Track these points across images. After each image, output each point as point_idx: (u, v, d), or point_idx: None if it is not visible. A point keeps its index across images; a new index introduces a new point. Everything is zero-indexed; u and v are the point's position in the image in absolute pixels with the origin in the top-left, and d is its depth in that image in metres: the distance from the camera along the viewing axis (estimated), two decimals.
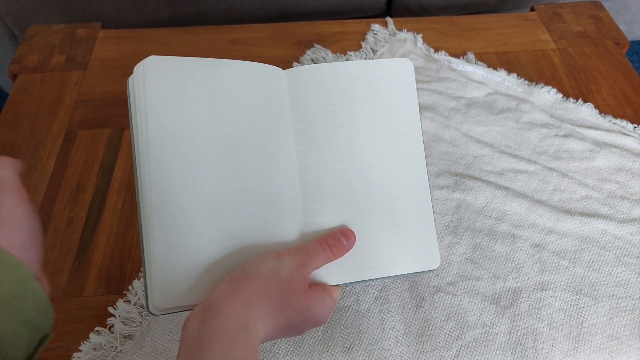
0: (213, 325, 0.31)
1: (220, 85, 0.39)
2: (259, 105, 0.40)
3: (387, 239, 0.41)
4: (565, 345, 0.48)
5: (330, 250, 0.39)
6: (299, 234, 0.40)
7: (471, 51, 0.77)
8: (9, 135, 0.64)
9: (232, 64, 0.40)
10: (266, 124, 0.40)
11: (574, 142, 0.64)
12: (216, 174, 0.37)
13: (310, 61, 0.74)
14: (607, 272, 0.53)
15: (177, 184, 0.36)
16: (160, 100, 0.36)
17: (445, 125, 0.65)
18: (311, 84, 0.42)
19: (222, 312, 0.32)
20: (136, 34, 0.78)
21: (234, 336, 0.31)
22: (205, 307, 0.33)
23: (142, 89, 0.36)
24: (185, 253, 0.36)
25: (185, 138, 0.37)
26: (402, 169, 0.42)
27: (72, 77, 0.71)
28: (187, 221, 0.36)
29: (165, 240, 0.35)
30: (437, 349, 0.47)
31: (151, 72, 0.37)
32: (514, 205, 0.57)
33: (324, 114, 0.42)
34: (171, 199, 0.36)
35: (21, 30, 1.15)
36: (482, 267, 0.53)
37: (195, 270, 0.36)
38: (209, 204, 0.37)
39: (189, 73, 0.38)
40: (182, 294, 0.35)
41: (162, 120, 0.36)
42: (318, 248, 0.38)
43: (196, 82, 0.38)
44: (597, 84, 0.73)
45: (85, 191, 0.59)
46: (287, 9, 1.16)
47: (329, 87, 0.42)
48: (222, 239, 0.37)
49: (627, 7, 1.44)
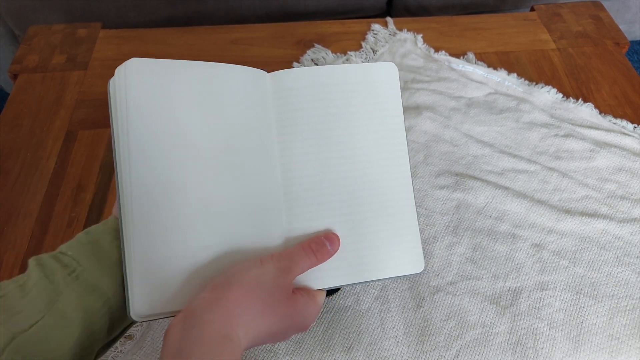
0: (194, 334, 0.31)
1: (204, 88, 0.38)
2: (243, 108, 0.40)
3: (371, 243, 0.41)
4: (565, 345, 0.48)
5: (314, 255, 0.38)
6: (284, 239, 0.40)
7: (471, 51, 0.77)
8: (10, 135, 0.64)
9: (217, 66, 0.40)
10: (250, 127, 0.40)
11: (574, 142, 0.64)
12: (200, 179, 0.37)
13: (311, 61, 0.74)
14: (607, 272, 0.53)
15: (159, 188, 0.35)
16: (142, 102, 0.36)
17: (445, 125, 0.65)
18: (295, 88, 0.42)
19: (203, 321, 0.31)
20: (136, 34, 0.78)
21: (215, 345, 0.30)
22: (186, 315, 0.32)
23: (124, 91, 0.35)
24: (167, 259, 0.35)
25: (167, 142, 0.36)
26: (386, 173, 0.42)
27: (72, 77, 0.71)
28: (170, 227, 0.35)
29: (147, 246, 0.35)
30: (437, 349, 0.47)
31: (133, 74, 0.36)
32: (514, 205, 0.57)
33: (307, 118, 0.41)
34: (153, 204, 0.35)
35: (21, 30, 1.15)
36: (482, 267, 0.53)
37: (177, 277, 0.35)
38: (192, 209, 0.36)
39: (172, 75, 0.37)
40: (165, 300, 0.35)
41: (143, 123, 0.35)
42: (302, 253, 0.38)
43: (179, 85, 0.37)
44: (597, 84, 0.73)
45: (85, 191, 0.59)
46: (287, 9, 1.16)
47: (313, 91, 0.42)
48: (206, 245, 0.36)
49: (627, 7, 1.44)
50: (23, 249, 0.54)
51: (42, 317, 0.32)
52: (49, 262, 0.35)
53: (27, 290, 0.33)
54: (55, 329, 0.33)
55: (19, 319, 0.32)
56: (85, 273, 0.35)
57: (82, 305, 0.34)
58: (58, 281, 0.34)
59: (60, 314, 0.33)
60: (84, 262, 0.35)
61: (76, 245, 0.36)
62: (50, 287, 0.34)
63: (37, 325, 0.32)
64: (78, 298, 0.34)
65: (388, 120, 0.43)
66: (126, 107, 0.35)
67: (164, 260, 0.35)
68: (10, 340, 0.31)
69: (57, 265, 0.35)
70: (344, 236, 0.40)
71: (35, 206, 0.57)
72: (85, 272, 0.35)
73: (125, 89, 0.36)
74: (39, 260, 0.35)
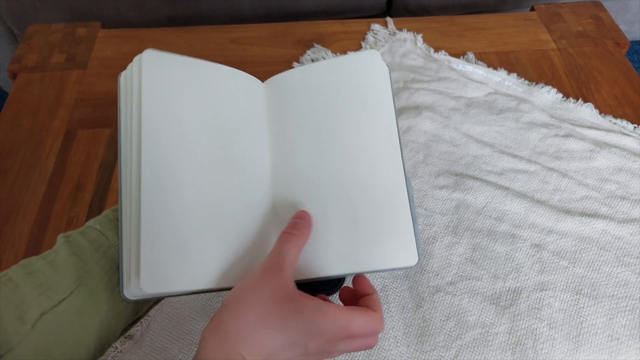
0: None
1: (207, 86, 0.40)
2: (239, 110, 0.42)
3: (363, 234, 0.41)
4: (565, 345, 0.48)
5: (292, 234, 0.38)
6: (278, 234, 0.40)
7: (471, 51, 0.77)
8: (9, 134, 0.64)
9: (220, 68, 0.41)
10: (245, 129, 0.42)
11: (574, 142, 0.64)
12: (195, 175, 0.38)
13: (310, 61, 0.74)
14: (607, 272, 0.52)
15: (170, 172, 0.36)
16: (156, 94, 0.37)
17: (445, 125, 0.65)
18: (285, 90, 0.43)
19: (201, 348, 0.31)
20: (136, 33, 0.78)
21: None
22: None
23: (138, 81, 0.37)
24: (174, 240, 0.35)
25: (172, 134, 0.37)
26: (378, 163, 0.42)
27: (71, 77, 0.71)
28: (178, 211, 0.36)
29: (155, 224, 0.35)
30: (436, 349, 0.47)
31: (149, 65, 0.37)
32: (514, 205, 0.57)
33: (296, 118, 0.43)
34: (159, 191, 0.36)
35: (21, 30, 1.15)
36: (482, 267, 0.53)
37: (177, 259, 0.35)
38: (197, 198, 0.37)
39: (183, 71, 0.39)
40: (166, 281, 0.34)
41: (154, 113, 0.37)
42: (280, 242, 0.37)
43: (190, 82, 0.39)
44: (597, 84, 0.73)
45: (85, 190, 0.59)
46: (287, 8, 1.16)
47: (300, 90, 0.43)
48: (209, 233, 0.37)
49: (627, 7, 1.44)
50: (22, 249, 0.54)
51: (71, 293, 0.33)
52: (77, 239, 0.36)
53: (57, 267, 0.34)
54: (83, 305, 0.33)
55: (49, 295, 0.32)
56: (112, 250, 0.36)
57: (110, 283, 0.35)
58: (86, 258, 0.35)
59: (89, 291, 0.34)
60: (111, 237, 0.36)
61: (104, 220, 0.38)
62: (78, 264, 0.34)
63: (66, 301, 0.33)
64: (106, 275, 0.35)
65: (379, 109, 0.43)
66: (139, 96, 0.36)
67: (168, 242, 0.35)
68: (39, 315, 0.31)
69: (85, 242, 0.36)
70: (336, 228, 0.41)
71: (34, 206, 0.57)
72: (112, 248, 0.36)
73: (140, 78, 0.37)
74: (67, 237, 0.36)
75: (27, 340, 0.30)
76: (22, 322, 0.31)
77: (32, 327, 0.31)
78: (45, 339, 0.31)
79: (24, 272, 0.33)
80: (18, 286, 0.32)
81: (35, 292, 0.32)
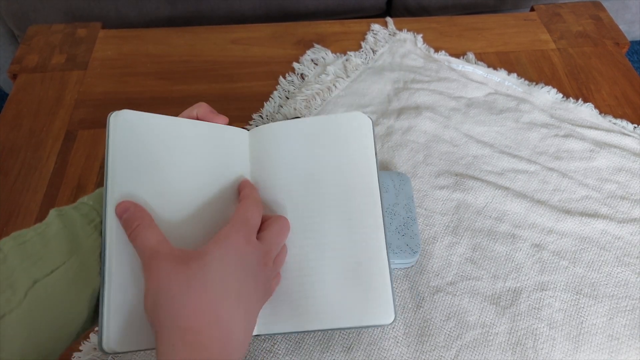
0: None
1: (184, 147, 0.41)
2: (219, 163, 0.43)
3: (335, 289, 0.41)
4: (565, 345, 0.48)
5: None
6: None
7: (471, 51, 0.77)
8: (9, 135, 0.64)
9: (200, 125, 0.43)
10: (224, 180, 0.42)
11: (574, 142, 0.64)
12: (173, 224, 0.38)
13: (310, 61, 0.74)
14: (607, 272, 0.53)
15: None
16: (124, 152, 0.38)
17: (445, 125, 0.65)
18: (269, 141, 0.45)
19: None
20: (136, 33, 0.78)
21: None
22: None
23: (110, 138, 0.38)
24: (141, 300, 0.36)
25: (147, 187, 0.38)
26: (357, 219, 0.43)
27: (72, 77, 0.71)
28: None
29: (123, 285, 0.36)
30: (437, 349, 0.47)
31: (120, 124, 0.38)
32: (514, 205, 0.57)
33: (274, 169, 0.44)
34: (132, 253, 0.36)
35: (21, 30, 1.15)
36: (482, 267, 0.53)
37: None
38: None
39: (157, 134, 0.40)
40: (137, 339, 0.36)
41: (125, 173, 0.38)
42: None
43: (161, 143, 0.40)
44: (597, 84, 0.73)
45: (85, 191, 0.59)
46: (287, 9, 1.16)
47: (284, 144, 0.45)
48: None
49: (627, 7, 1.44)
50: None
51: (63, 263, 0.33)
52: (70, 212, 0.36)
53: (48, 238, 0.34)
54: (76, 276, 0.34)
55: (40, 266, 0.33)
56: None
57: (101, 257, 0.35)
58: (78, 232, 0.35)
59: (81, 262, 0.34)
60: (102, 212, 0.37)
61: (96, 196, 0.38)
62: (70, 236, 0.35)
63: (58, 271, 0.33)
64: (98, 248, 0.35)
65: (361, 171, 0.44)
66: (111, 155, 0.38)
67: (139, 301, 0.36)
68: (32, 283, 0.32)
69: (77, 215, 0.36)
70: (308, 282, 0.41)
71: (35, 206, 0.57)
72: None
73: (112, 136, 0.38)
74: (60, 211, 0.36)
75: (20, 308, 0.31)
76: (13, 290, 0.31)
77: (24, 296, 0.31)
78: (38, 307, 0.32)
79: (15, 243, 0.33)
80: (7, 257, 0.32)
81: (25, 263, 0.32)
